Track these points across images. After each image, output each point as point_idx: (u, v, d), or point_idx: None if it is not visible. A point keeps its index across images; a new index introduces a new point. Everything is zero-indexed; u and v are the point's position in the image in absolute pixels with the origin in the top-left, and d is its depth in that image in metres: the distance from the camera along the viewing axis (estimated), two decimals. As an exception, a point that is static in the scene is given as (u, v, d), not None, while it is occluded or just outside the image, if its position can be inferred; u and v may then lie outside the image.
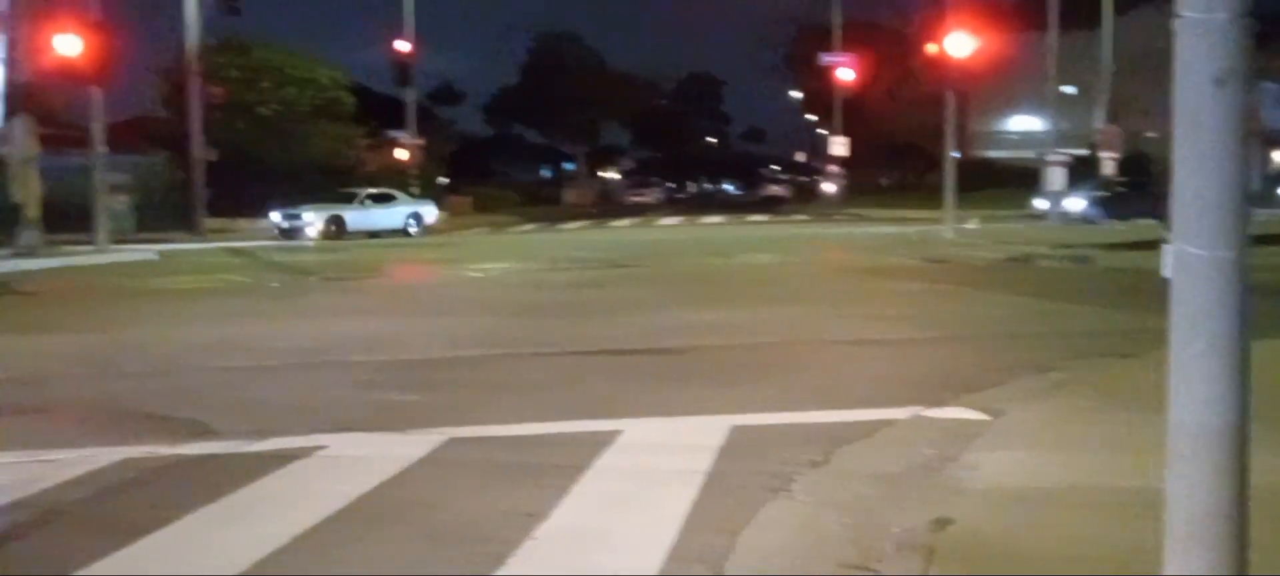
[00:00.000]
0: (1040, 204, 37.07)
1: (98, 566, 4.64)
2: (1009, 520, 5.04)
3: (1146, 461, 4.77)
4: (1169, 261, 3.15)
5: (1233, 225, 3.00)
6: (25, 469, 6.30)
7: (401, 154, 46.30)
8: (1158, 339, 3.38)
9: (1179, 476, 3.10)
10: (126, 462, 6.46)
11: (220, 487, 5.83)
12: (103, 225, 27.85)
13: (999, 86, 44.51)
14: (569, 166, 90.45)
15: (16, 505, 5.61)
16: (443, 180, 55.18)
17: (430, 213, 39.68)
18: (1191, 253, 3.04)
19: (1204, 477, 3.02)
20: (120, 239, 29.31)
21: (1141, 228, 25.20)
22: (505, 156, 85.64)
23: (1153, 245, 3.10)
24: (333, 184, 42.34)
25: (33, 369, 9.97)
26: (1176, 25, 3.09)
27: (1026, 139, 58.65)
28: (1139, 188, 33.33)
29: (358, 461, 6.40)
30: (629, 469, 6.16)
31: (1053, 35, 36.17)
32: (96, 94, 27.87)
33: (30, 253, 24.64)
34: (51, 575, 4.53)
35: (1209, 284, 3.01)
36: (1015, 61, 48.88)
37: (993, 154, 62.66)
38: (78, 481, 6.07)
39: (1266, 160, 49.33)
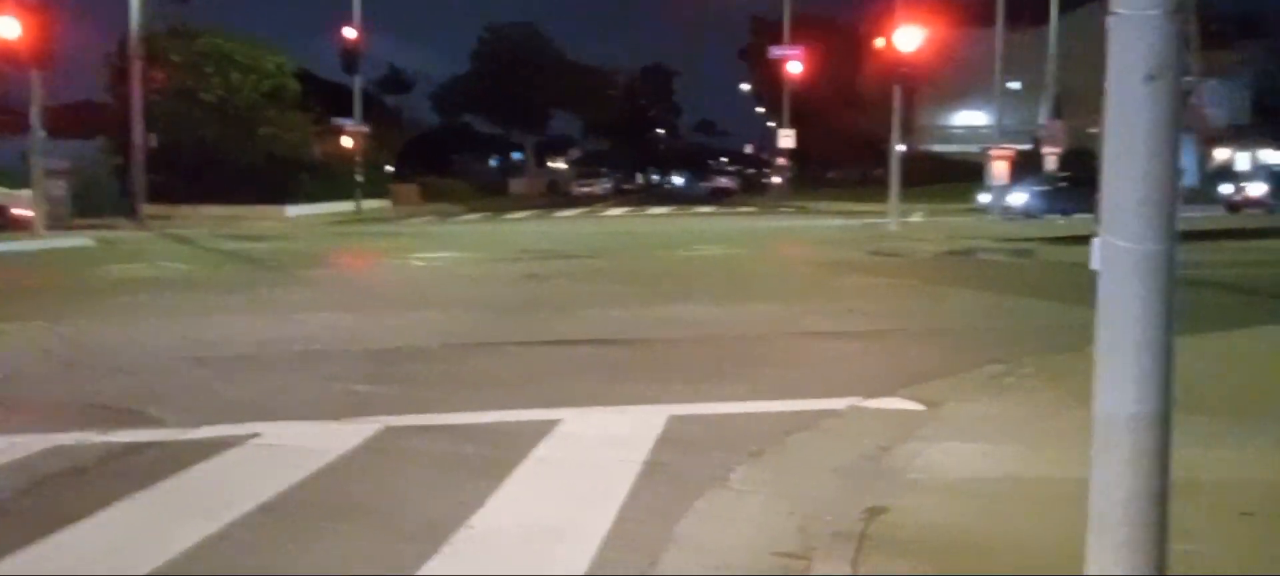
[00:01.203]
0: (984, 198, 37.43)
1: (16, 558, 4.55)
2: (944, 510, 5.08)
3: (1082, 454, 4.80)
4: (1097, 254, 3.17)
5: (1161, 219, 3.03)
6: (-50, 456, 6.16)
7: (347, 141, 45.88)
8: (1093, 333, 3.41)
9: (1103, 464, 3.12)
10: (56, 450, 6.34)
11: (151, 476, 5.75)
12: (39, 211, 27.34)
13: (946, 81, 44.90)
14: (517, 156, 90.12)
15: (-62, 493, 5.49)
16: (389, 168, 54.79)
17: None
18: (1119, 245, 3.07)
19: (1127, 466, 3.05)
20: (58, 225, 28.79)
21: (1082, 222, 25.52)
22: (454, 146, 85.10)
23: (1091, 240, 3.12)
24: (278, 171, 41.95)
25: (-37, 356, 9.76)
26: (1110, 22, 3.11)
27: (972, 133, 59.26)
28: (1081, 182, 33.68)
29: (293, 449, 6.32)
30: (567, 459, 6.14)
31: (999, 31, 36.51)
32: (36, 77, 27.35)
33: (-36, 238, 24.17)
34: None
35: (1135, 276, 3.03)
36: (962, 56, 49.40)
37: (939, 148, 63.26)
38: (4, 469, 5.95)
39: (1207, 157, 50.05)
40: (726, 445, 6.37)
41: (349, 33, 44.40)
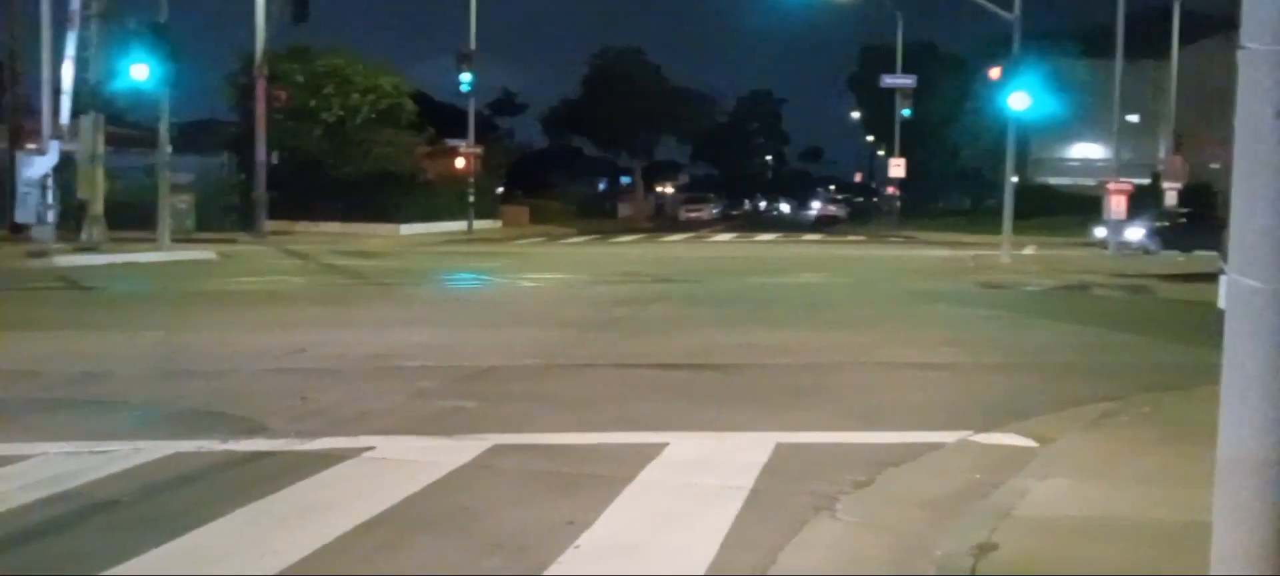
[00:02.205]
0: (1100, 232, 36.62)
1: (135, 563, 4.69)
2: (1053, 547, 4.99)
3: (1195, 495, 4.69)
4: (1225, 292, 3.11)
5: (1292, 257, 2.95)
6: (76, 459, 6.41)
7: (459, 162, 46.60)
8: (1213, 373, 3.33)
9: (1226, 507, 3.05)
10: (175, 457, 6.55)
11: (266, 485, 5.90)
12: (165, 224, 28.26)
13: (1063, 113, 44.07)
14: (625, 180, 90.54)
15: (63, 496, 5.71)
16: (499, 189, 55.49)
17: None
18: (1248, 284, 3.00)
19: (1252, 508, 2.97)
20: (181, 238, 29.73)
21: (1203, 259, 24.83)
22: (562, 168, 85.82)
23: (1212, 277, 3.04)
24: (392, 190, 42.83)
25: (91, 364, 10.12)
26: (1240, 56, 3.05)
27: (1088, 166, 58.06)
28: (1200, 218, 32.79)
29: (404, 464, 6.44)
30: (673, 483, 6.15)
31: (1119, 63, 35.75)
32: (164, 96, 28.33)
33: (94, 248, 25.07)
34: (88, 571, 4.56)
35: (1264, 315, 2.96)
36: (1080, 88, 48.51)
37: (1053, 180, 62.06)
38: (125, 474, 6.16)
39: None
40: (832, 475, 6.33)
41: (464, 54, 45.09)
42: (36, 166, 25.52)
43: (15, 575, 4.68)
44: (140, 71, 25.28)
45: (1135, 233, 34.43)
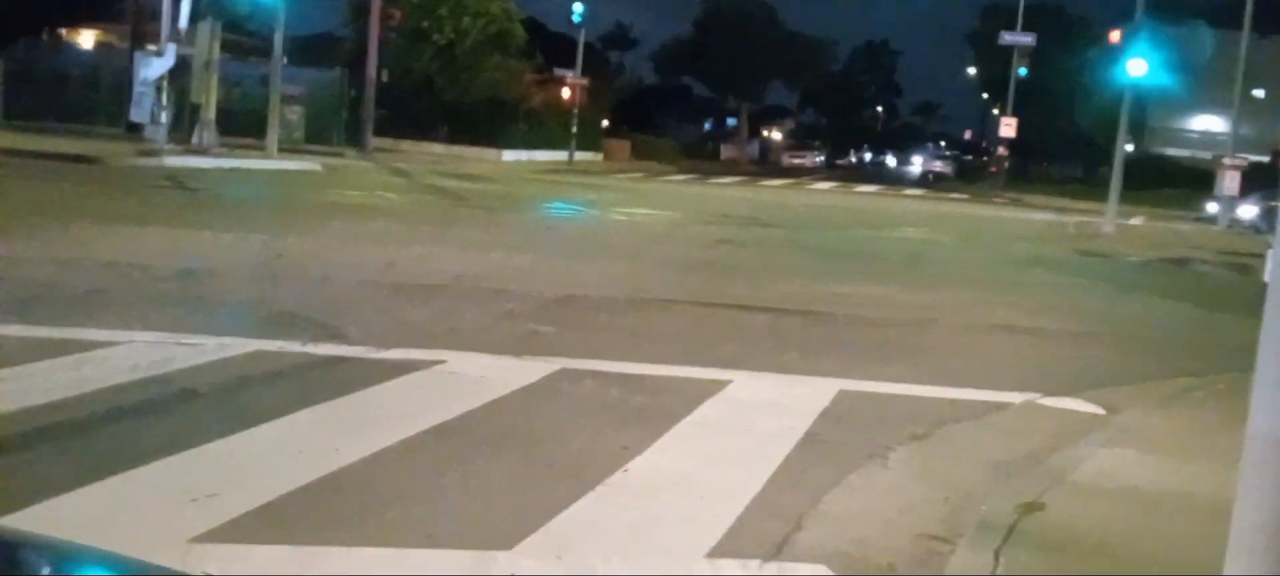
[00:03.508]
0: (1212, 208, 35.62)
1: (207, 447, 4.96)
2: (1101, 515, 4.99)
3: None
4: (1270, 266, 3.09)
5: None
6: (164, 349, 6.72)
7: (566, 92, 46.77)
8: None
9: (1249, 484, 3.05)
10: (259, 354, 6.82)
11: (337, 389, 6.14)
12: (274, 133, 28.90)
13: (1184, 82, 42.79)
14: (731, 122, 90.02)
15: (150, 381, 6.02)
16: (604, 123, 55.61)
17: None
18: (1291, 259, 2.98)
19: (1274, 488, 2.97)
20: (289, 149, 30.40)
21: (1270, 236, 24.03)
22: (671, 107, 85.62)
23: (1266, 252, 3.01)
24: (497, 116, 43.21)
25: (191, 261, 10.50)
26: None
27: (1208, 139, 56.35)
28: (1318, 201, 31.70)
29: (474, 379, 6.63)
30: (730, 420, 6.25)
31: (1245, 34, 34.54)
32: (280, 7, 28.89)
33: (203, 152, 25.76)
34: (162, 453, 4.83)
35: (1303, 292, 2.94)
36: (1205, 58, 46.97)
37: (1171, 151, 60.35)
38: (210, 366, 6.45)
39: None
40: (891, 425, 6.37)
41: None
42: (153, 67, 26.17)
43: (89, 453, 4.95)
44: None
45: (1247, 210, 33.41)
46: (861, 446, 5.89)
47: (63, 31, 43.09)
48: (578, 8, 44.70)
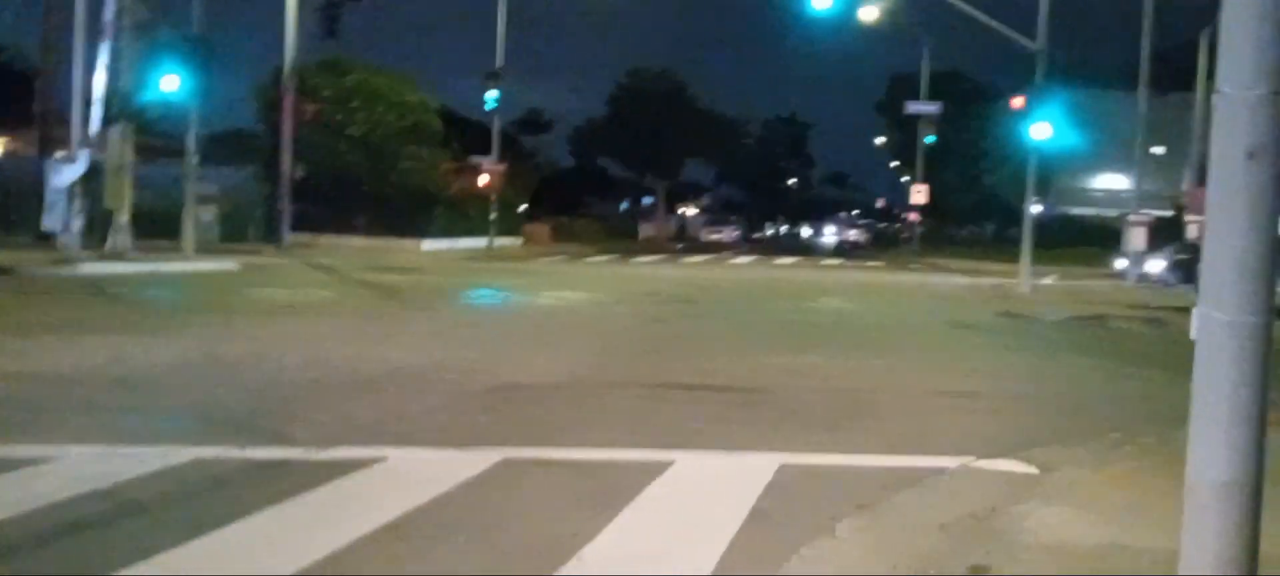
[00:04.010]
0: (1120, 264, 36.63)
1: (160, 558, 4.90)
2: (1046, 572, 5.10)
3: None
4: (1196, 325, 3.25)
5: (1258, 292, 3.10)
6: (106, 460, 6.62)
7: (483, 179, 46.89)
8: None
9: (1192, 531, 3.18)
10: (199, 462, 6.75)
11: (284, 491, 6.08)
12: (190, 234, 28.60)
13: (1085, 143, 44.09)
14: (647, 201, 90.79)
15: (94, 495, 5.92)
16: (522, 207, 55.76)
17: None
18: (1216, 317, 3.14)
19: (1215, 534, 3.11)
20: (206, 249, 30.07)
21: (1193, 294, 24.76)
22: (588, 187, 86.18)
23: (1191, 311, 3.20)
24: (416, 205, 43.18)
25: (119, 369, 10.36)
26: (1215, 99, 3.20)
27: (1112, 197, 57.99)
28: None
29: (415, 474, 6.61)
30: (677, 499, 6.31)
31: (1142, 94, 35.77)
32: (193, 108, 28.72)
33: (119, 257, 25.39)
34: (109, 570, 4.76)
35: (1230, 347, 3.10)
36: (1105, 119, 48.48)
37: (1076, 210, 61.99)
38: (153, 476, 6.37)
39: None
40: (834, 496, 6.46)
41: (490, 72, 45.40)
42: (65, 174, 25.84)
43: (41, 574, 4.86)
44: (171, 83, 25.61)
45: (1155, 265, 34.39)
46: (809, 519, 5.97)
47: (-35, 140, 42.43)
48: (490, 94, 44.97)
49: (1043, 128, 28.60)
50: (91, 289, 19.33)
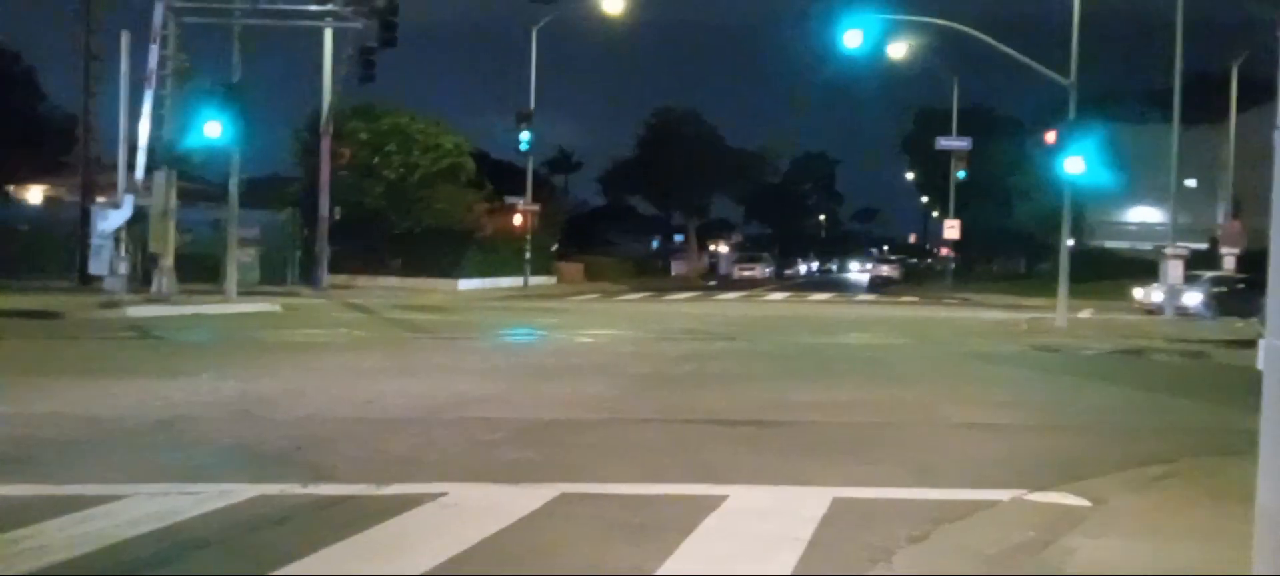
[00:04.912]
0: (1138, 294, 36.68)
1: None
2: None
3: (1244, 554, 4.86)
4: (1263, 355, 3.34)
5: (1323, 323, 3.17)
6: (167, 499, 6.77)
7: (517, 219, 47.21)
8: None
9: (1265, 558, 3.25)
10: (260, 498, 6.89)
11: (347, 527, 6.21)
12: (232, 277, 28.96)
13: (1120, 177, 43.98)
14: (678, 238, 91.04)
15: (160, 533, 6.06)
16: (554, 247, 56.07)
17: None
18: (1282, 347, 3.22)
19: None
20: (246, 291, 30.43)
21: (1259, 326, 24.66)
22: (618, 225, 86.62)
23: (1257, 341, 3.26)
24: (451, 246, 43.55)
25: (172, 410, 10.54)
26: (1276, 137, 3.30)
27: (1146, 231, 57.73)
28: (1258, 284, 32.46)
29: (476, 509, 6.73)
30: (734, 532, 6.40)
31: (1176, 126, 35.64)
32: (234, 153, 29.14)
33: (164, 300, 25.75)
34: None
35: (1297, 377, 3.17)
36: (1138, 153, 48.34)
37: (1110, 243, 61.70)
38: (215, 514, 6.51)
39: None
40: (888, 529, 6.54)
41: (523, 113, 45.79)
42: (111, 220, 26.30)
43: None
44: (213, 130, 26.03)
45: (1192, 298, 34.20)
46: (864, 551, 6.05)
47: (10, 188, 43.09)
48: (524, 136, 45.34)
49: (1076, 162, 28.55)
50: (138, 331, 19.63)
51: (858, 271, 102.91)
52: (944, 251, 61.47)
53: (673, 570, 5.59)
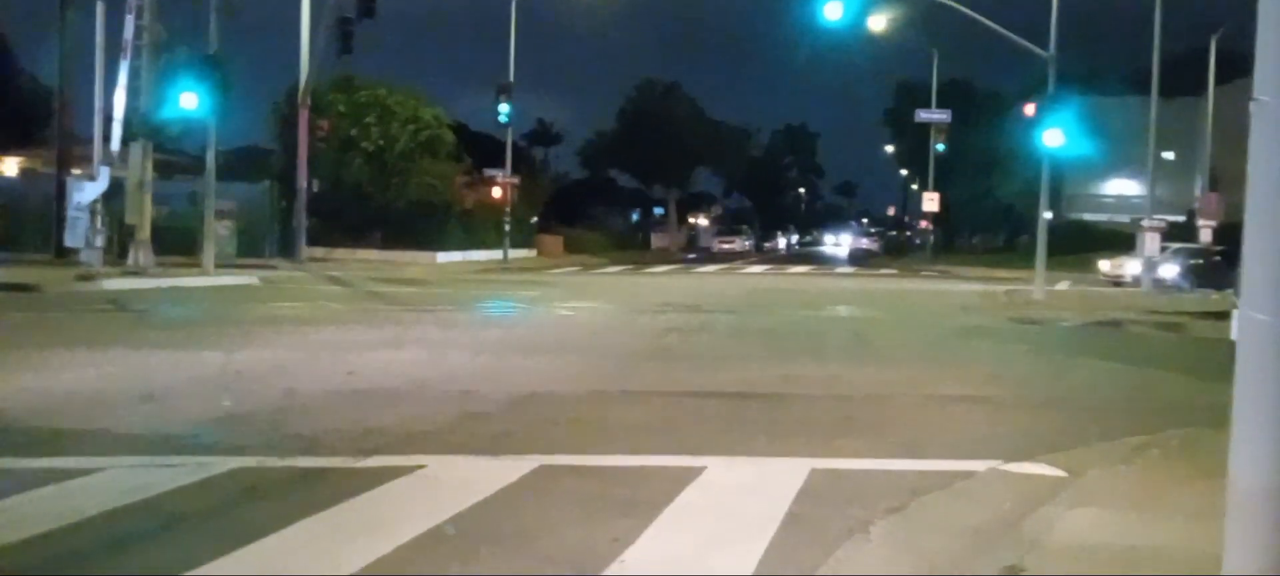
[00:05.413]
0: (1106, 266, 36.99)
1: (208, 568, 4.99)
2: (1080, 573, 5.19)
3: (1221, 525, 4.89)
4: (1237, 326, 3.34)
5: (1297, 294, 3.18)
6: (145, 472, 6.73)
7: (496, 192, 47.09)
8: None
9: (1237, 536, 3.26)
10: (238, 471, 6.86)
11: (326, 499, 6.19)
12: (210, 250, 28.80)
13: (1097, 149, 44.10)
14: (658, 211, 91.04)
15: (136, 507, 6.02)
16: (534, 220, 55.99)
17: None
18: (1257, 318, 3.23)
19: (1261, 535, 3.18)
20: (223, 263, 30.27)
21: (1234, 298, 24.85)
22: (598, 199, 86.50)
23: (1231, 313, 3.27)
24: (430, 219, 43.42)
25: (149, 383, 10.47)
26: (1252, 106, 3.30)
27: (1123, 203, 57.97)
28: (1234, 257, 32.66)
29: (455, 482, 6.72)
30: (712, 504, 6.40)
31: (1154, 100, 35.75)
32: (211, 125, 28.92)
33: (140, 272, 25.59)
34: (165, 574, 4.90)
35: (1272, 348, 3.18)
36: (1116, 126, 48.49)
37: (1088, 216, 61.97)
38: (193, 487, 6.48)
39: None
40: (866, 500, 6.55)
41: (503, 85, 45.62)
42: (87, 192, 26.10)
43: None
44: (190, 101, 25.85)
45: (1169, 270, 34.41)
46: (842, 523, 6.06)
47: (-16, 160, 42.74)
48: (503, 109, 45.16)
49: (1055, 135, 28.64)
50: (115, 304, 19.50)
51: (832, 245, 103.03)
52: (924, 224, 61.56)
53: (649, 542, 5.59)
